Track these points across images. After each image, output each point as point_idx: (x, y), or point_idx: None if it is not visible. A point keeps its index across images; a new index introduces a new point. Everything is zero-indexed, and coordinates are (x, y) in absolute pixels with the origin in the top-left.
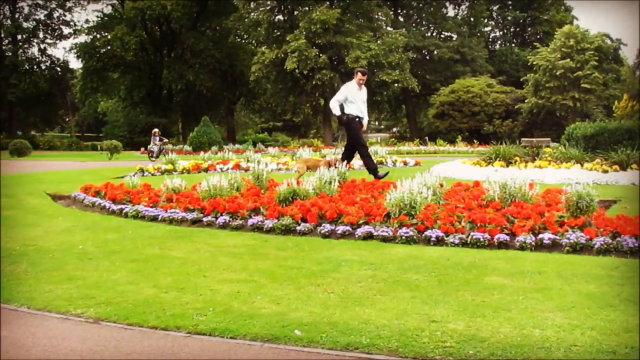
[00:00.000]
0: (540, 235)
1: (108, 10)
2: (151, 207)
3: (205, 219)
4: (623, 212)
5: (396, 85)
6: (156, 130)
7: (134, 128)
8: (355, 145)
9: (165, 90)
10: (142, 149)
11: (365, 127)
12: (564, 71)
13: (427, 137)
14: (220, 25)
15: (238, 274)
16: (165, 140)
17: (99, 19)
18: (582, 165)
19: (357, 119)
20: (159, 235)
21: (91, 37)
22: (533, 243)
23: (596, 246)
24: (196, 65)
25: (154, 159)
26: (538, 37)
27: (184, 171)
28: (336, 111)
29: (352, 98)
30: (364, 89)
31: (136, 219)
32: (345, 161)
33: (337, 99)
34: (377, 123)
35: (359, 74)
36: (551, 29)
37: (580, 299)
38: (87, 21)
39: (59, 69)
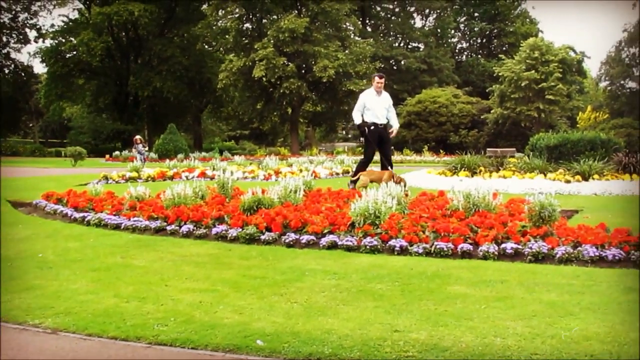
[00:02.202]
0: (503, 245)
1: (74, 15)
2: (114, 215)
3: (168, 228)
4: (584, 221)
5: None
6: (139, 137)
7: (99, 135)
8: (371, 155)
9: (131, 97)
10: (107, 156)
11: (394, 133)
12: (529, 82)
13: (393, 147)
14: (188, 32)
15: (201, 283)
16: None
17: (65, 23)
18: (545, 175)
19: (374, 126)
20: (121, 244)
21: (56, 41)
22: (496, 252)
23: (558, 255)
24: (163, 72)
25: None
26: (504, 48)
27: (149, 179)
28: (357, 120)
29: (369, 105)
30: (385, 94)
31: (98, 227)
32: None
33: (356, 108)
34: (344, 132)
35: (376, 78)
36: (517, 40)
37: (541, 307)
38: (52, 25)
39: (22, 73)
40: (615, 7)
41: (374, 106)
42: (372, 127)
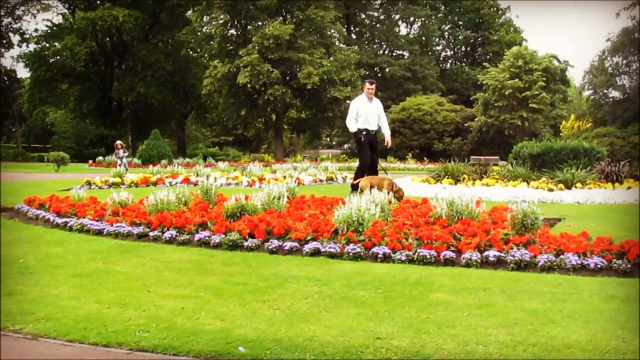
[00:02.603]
0: (486, 253)
1: (58, 19)
2: (97, 220)
3: (151, 234)
4: (567, 230)
5: (348, 101)
6: (119, 142)
7: (82, 140)
8: (367, 160)
9: (115, 102)
10: (90, 161)
11: (388, 141)
12: (513, 91)
13: None
14: (173, 38)
15: (183, 289)
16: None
17: (49, 28)
18: (528, 183)
19: (366, 132)
20: (103, 250)
21: (40, 46)
22: (478, 260)
23: (540, 263)
24: (147, 78)
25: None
26: (488, 57)
27: (132, 184)
28: (352, 128)
29: (361, 111)
30: (376, 100)
31: (81, 233)
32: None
33: (350, 115)
34: (328, 139)
35: (367, 84)
36: (501, 49)
37: (523, 315)
38: (36, 30)
39: (6, 77)
40: (599, 16)
41: (366, 112)
42: (364, 133)
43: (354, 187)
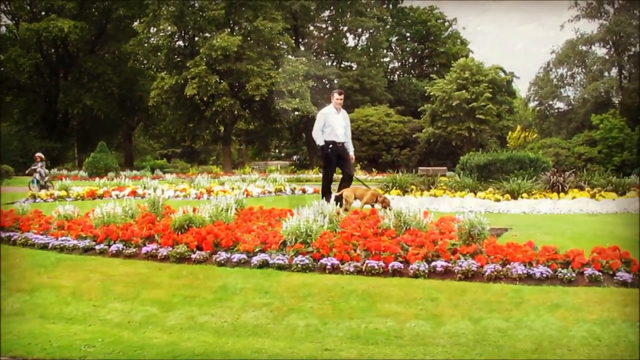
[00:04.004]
0: (434, 263)
1: (2, 30)
2: (41, 234)
3: (97, 247)
4: (513, 240)
5: (296, 113)
6: (39, 154)
7: (27, 152)
8: (332, 174)
9: (61, 114)
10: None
11: (352, 157)
12: (460, 102)
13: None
14: (119, 49)
15: (129, 303)
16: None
17: None
18: (475, 194)
19: (333, 145)
20: (48, 264)
21: None
22: (426, 270)
23: (487, 273)
24: (94, 90)
25: (38, 188)
26: (435, 68)
27: (78, 198)
28: (320, 142)
29: (329, 122)
30: (343, 112)
31: (25, 247)
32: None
33: (317, 127)
34: (277, 151)
35: (335, 94)
36: (448, 61)
37: (470, 325)
38: None
39: None
40: (544, 29)
41: (334, 123)
42: (331, 146)
43: (337, 199)
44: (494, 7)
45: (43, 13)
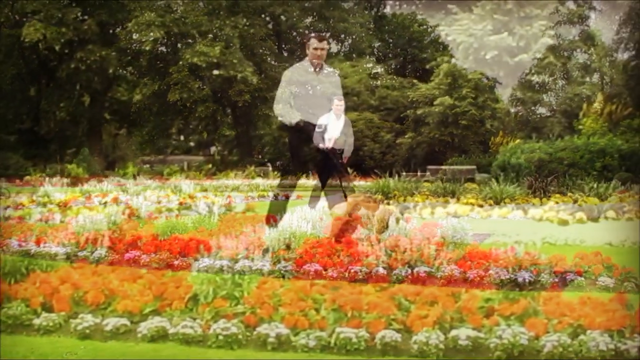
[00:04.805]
0: (417, 269)
1: None
2: (23, 241)
3: (80, 254)
4: (496, 245)
5: (280, 119)
6: None
7: (8, 159)
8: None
9: (42, 120)
10: (18, 180)
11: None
12: (443, 108)
13: (309, 173)
14: (102, 55)
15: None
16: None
17: None
18: (458, 199)
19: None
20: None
21: None
22: (409, 276)
23: (470, 278)
24: (75, 95)
25: None
26: (418, 74)
27: (60, 204)
28: (323, 145)
29: (329, 129)
30: (344, 118)
31: (5, 254)
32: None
33: (318, 132)
34: (260, 157)
35: (335, 100)
36: (431, 66)
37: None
38: None
39: None
40: (527, 34)
41: (331, 129)
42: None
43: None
44: (465, 17)
45: (25, 19)
